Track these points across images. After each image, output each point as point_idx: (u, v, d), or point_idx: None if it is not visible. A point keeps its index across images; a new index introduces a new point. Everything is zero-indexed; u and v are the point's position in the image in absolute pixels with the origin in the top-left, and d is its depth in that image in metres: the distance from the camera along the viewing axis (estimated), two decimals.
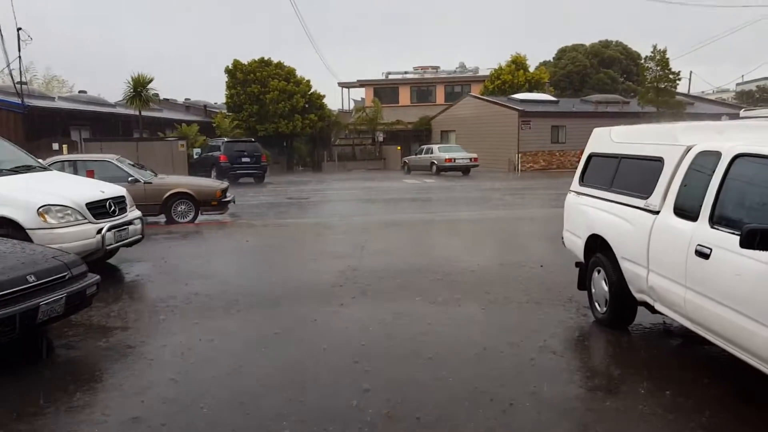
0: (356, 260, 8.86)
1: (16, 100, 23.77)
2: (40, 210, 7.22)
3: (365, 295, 6.90)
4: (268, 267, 8.66)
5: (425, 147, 34.10)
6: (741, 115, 13.99)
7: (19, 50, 23.65)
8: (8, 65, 23.92)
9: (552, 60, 53.74)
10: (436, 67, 53.02)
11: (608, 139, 6.08)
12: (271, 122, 36.08)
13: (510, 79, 41.68)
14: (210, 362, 4.91)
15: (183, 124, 31.81)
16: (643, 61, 39.18)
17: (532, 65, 44.31)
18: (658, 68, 33.46)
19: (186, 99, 47.42)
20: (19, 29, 23.41)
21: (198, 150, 29.00)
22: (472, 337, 5.40)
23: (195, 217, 13.46)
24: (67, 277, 5.29)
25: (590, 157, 6.42)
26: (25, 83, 26.66)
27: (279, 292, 7.07)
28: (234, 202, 14.68)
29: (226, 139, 28.69)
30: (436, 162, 31.47)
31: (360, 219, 14.26)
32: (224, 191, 13.95)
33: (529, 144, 33.58)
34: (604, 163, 6.05)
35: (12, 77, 24.00)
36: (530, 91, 39.49)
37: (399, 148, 41.29)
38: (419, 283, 7.43)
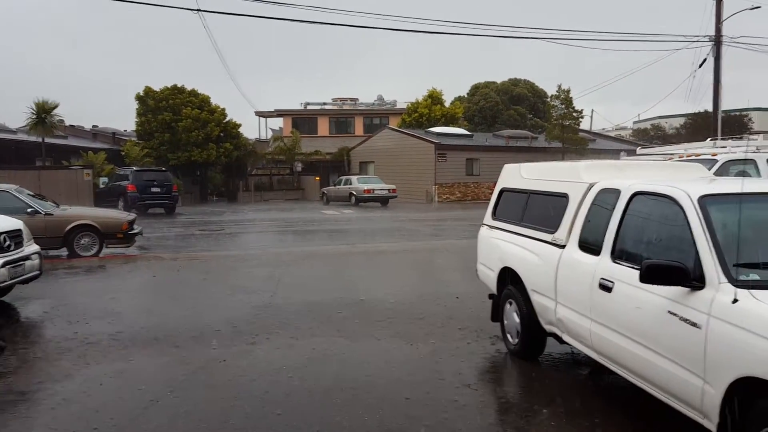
0: (270, 295, 8.65)
1: None
2: None
3: (279, 332, 6.72)
4: (176, 304, 8.29)
5: (344, 178, 34.23)
6: (637, 153, 14.95)
7: None
8: None
9: (466, 95, 55.68)
10: (355, 99, 53.62)
11: (518, 175, 6.29)
12: (184, 151, 35.13)
13: (427, 112, 42.74)
14: (108, 410, 4.59)
15: (89, 151, 30.38)
16: (549, 99, 41.32)
17: (447, 100, 45.66)
18: (563, 106, 35.37)
19: (93, 126, 45.45)
20: None
21: (105, 179, 27.73)
22: (390, 373, 5.35)
23: (99, 251, 12.77)
24: None
25: (502, 191, 6.61)
26: None
27: (186, 332, 6.75)
28: (141, 234, 14.08)
29: (134, 168, 27.60)
30: (355, 193, 31.61)
31: (276, 251, 14.00)
32: (131, 223, 13.35)
33: (446, 176, 34.40)
34: (514, 198, 6.24)
35: None
36: (446, 125, 40.61)
37: (318, 178, 41.23)
38: (336, 317, 7.33)
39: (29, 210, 11.94)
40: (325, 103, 52.78)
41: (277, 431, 4.16)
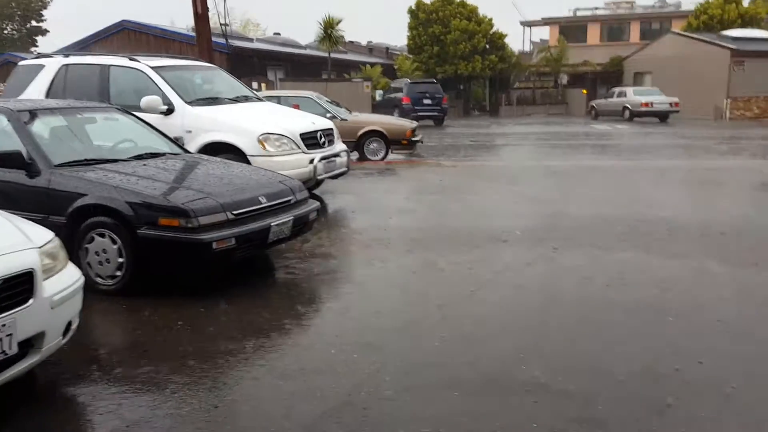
0: (562, 206, 8.28)
1: (221, 40, 25.59)
2: (260, 138, 7.55)
3: (579, 241, 6.38)
4: (467, 207, 8.43)
5: (617, 90, 31.54)
6: None
7: None
8: (216, 7, 25.71)
9: None
10: (632, 2, 48.39)
11: None
12: (451, 64, 35.46)
13: (719, 14, 36.65)
14: (429, 294, 4.81)
15: (367, 65, 32.43)
16: None
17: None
18: None
19: (369, 42, 48.18)
20: None
21: (380, 92, 29.44)
22: (718, 294, 4.73)
23: (386, 155, 13.58)
24: (292, 201, 5.45)
25: None
26: (228, 25, 28.55)
27: (483, 233, 6.74)
28: (422, 142, 14.60)
29: (409, 81, 28.73)
30: (629, 106, 29.02)
31: (554, 163, 13.45)
32: (414, 131, 13.89)
33: (741, 88, 29.61)
34: None
35: (219, 19, 25.77)
36: (743, 28, 34.53)
37: (585, 91, 38.68)
38: (636, 233, 6.69)
39: (328, 115, 13.00)
40: (596, 8, 48.54)
41: (603, 328, 3.94)
